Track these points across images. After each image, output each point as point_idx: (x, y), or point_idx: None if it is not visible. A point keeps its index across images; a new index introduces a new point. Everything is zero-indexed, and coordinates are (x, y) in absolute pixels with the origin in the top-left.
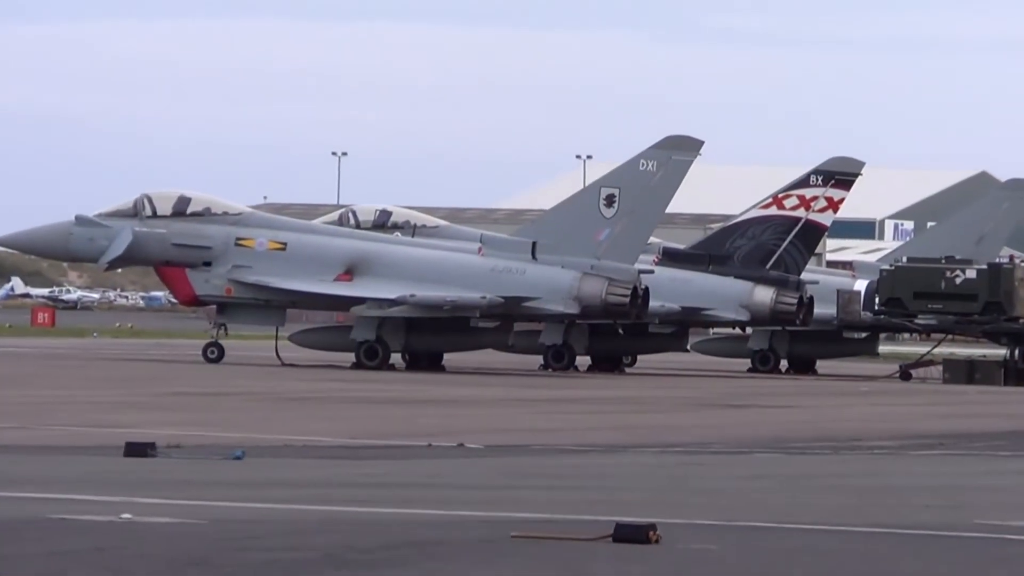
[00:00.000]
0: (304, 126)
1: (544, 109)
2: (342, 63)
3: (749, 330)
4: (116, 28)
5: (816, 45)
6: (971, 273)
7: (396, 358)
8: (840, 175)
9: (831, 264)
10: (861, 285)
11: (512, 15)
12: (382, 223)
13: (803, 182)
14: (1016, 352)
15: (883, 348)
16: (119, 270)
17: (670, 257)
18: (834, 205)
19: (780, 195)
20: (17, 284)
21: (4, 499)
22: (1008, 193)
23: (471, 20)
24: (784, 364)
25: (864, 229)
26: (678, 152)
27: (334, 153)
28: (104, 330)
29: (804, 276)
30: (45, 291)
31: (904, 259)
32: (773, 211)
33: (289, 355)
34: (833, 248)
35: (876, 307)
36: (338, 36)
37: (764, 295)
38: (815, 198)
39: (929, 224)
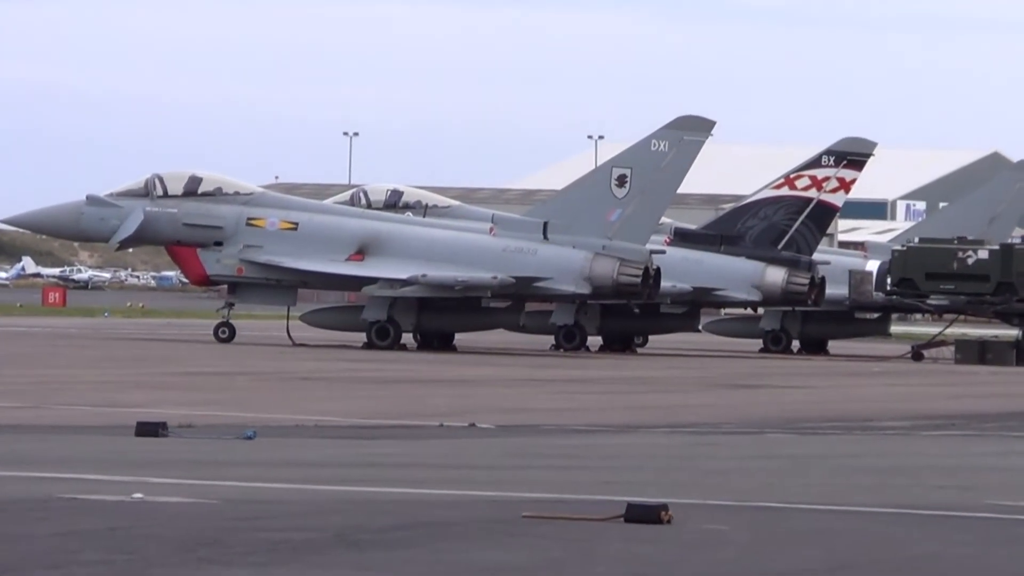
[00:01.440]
0: (316, 106)
1: (556, 89)
2: (354, 42)
3: (761, 310)
4: (126, 5)
5: (828, 24)
6: (983, 254)
7: (407, 338)
8: (852, 155)
9: (843, 244)
10: (873, 265)
11: None
12: (394, 203)
13: (815, 162)
14: None
15: (895, 328)
16: (130, 250)
17: (682, 237)
18: (846, 185)
19: (792, 175)
20: (28, 264)
21: (15, 479)
22: (1020, 174)
23: (483, 0)
24: (796, 344)
25: (876, 210)
26: (690, 132)
27: (346, 133)
28: (115, 310)
29: (816, 257)
30: (56, 271)
31: (916, 240)
32: (785, 191)
33: (300, 335)
34: (845, 228)
35: (888, 288)
36: (351, 15)
37: (776, 275)
38: (827, 178)
39: (941, 204)
